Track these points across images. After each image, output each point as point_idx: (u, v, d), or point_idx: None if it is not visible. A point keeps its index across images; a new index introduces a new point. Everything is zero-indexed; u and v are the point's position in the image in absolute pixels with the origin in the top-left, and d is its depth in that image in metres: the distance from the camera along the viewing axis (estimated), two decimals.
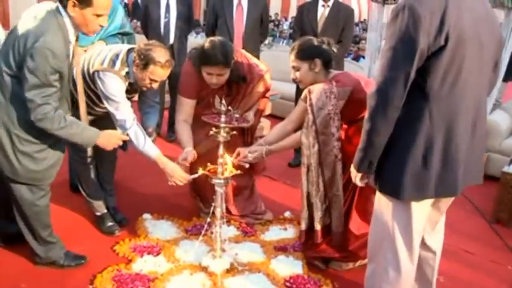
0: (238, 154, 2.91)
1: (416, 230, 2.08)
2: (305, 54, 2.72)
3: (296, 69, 2.76)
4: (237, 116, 2.85)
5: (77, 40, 2.51)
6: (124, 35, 3.57)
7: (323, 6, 4.54)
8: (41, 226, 2.66)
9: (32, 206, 2.57)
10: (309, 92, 2.66)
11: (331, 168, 2.69)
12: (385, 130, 1.90)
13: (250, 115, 3.14)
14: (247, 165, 2.95)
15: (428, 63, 1.81)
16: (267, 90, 3.27)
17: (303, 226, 2.88)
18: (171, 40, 4.86)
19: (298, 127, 2.85)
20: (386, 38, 1.88)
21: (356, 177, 2.12)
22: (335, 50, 2.79)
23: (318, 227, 2.81)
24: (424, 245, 2.30)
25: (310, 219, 2.85)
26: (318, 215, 2.78)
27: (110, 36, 3.49)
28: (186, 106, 3.13)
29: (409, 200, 1.99)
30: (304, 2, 5.11)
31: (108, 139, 2.65)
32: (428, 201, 2.07)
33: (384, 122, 1.87)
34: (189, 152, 2.94)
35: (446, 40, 1.77)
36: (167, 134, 5.28)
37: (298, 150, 4.81)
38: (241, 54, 3.18)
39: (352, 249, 2.84)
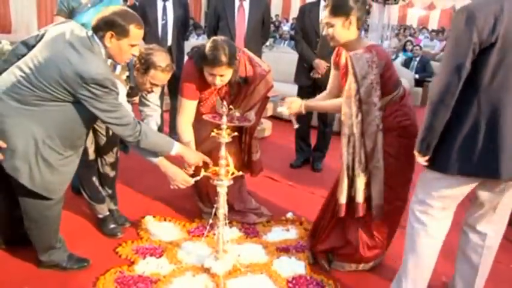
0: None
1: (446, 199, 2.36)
2: (340, 10, 2.65)
3: (329, 25, 2.70)
4: (238, 115, 2.85)
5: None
6: None
7: (325, 6, 4.46)
8: (49, 234, 2.68)
9: (43, 214, 2.58)
10: (351, 60, 2.57)
11: (373, 139, 2.63)
12: (444, 115, 2.15)
13: (252, 114, 3.13)
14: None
15: (480, 58, 2.07)
16: (269, 90, 3.26)
17: (343, 200, 2.75)
18: (169, 42, 4.89)
19: (334, 97, 2.98)
20: (448, 37, 2.22)
21: (417, 158, 2.33)
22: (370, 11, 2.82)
23: (360, 199, 2.72)
24: (474, 229, 2.52)
25: (348, 193, 2.76)
26: (360, 187, 2.70)
27: None
28: (188, 107, 3.12)
29: (454, 173, 2.23)
30: (305, 3, 5.07)
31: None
32: (471, 182, 2.29)
33: (443, 108, 2.13)
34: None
35: (497, 39, 2.03)
36: (168, 136, 5.27)
37: (299, 150, 4.81)
38: (244, 53, 3.17)
39: (358, 247, 2.85)
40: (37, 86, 2.29)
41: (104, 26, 2.35)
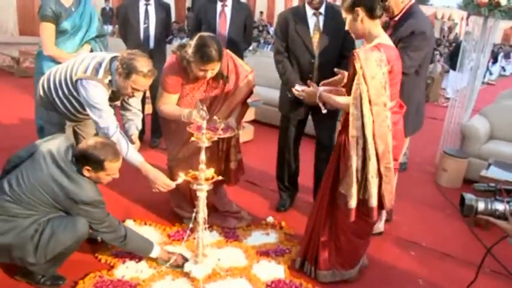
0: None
1: None
2: (347, 4, 2.59)
3: (345, 20, 2.66)
4: (223, 126, 2.84)
5: None
6: (97, 37, 3.87)
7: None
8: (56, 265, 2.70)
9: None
10: (359, 60, 2.48)
11: (384, 140, 2.57)
12: None
13: (233, 121, 3.14)
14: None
15: None
16: (251, 90, 3.27)
17: (353, 204, 2.65)
18: (151, 45, 4.89)
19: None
20: None
21: None
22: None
23: (374, 203, 2.63)
24: None
25: (358, 196, 2.66)
26: (374, 190, 2.61)
27: (91, 39, 3.80)
28: (169, 99, 3.12)
29: None
30: (287, 9, 4.79)
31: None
32: None
33: None
34: (190, 112, 2.87)
35: None
36: (150, 140, 5.28)
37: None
38: (227, 54, 3.19)
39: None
40: (27, 203, 2.48)
41: (81, 161, 2.54)
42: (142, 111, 3.31)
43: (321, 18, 3.49)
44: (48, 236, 2.49)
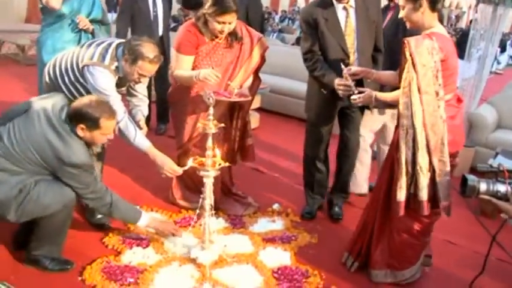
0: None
1: None
2: None
3: (402, 7, 2.61)
4: (237, 91, 2.89)
5: None
6: (103, 25, 3.94)
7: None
8: (57, 229, 2.67)
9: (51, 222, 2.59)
10: (409, 47, 2.43)
11: (436, 132, 2.46)
12: None
13: (246, 90, 3.16)
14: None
15: None
16: (265, 51, 3.31)
17: (402, 197, 2.55)
18: (160, 32, 4.97)
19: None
20: None
21: None
22: None
23: (424, 197, 2.53)
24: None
25: (408, 189, 2.57)
26: (424, 183, 2.51)
27: (95, 23, 3.85)
28: (184, 63, 3.14)
29: None
30: (308, 4, 4.09)
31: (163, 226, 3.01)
32: None
33: None
34: (209, 71, 2.90)
35: None
36: (156, 126, 5.30)
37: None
38: (239, 22, 3.22)
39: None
40: (16, 159, 2.47)
41: (75, 119, 2.50)
42: (149, 98, 3.32)
43: (352, 12, 3.18)
44: (34, 198, 2.47)
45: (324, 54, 3.20)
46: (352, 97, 2.85)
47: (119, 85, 2.92)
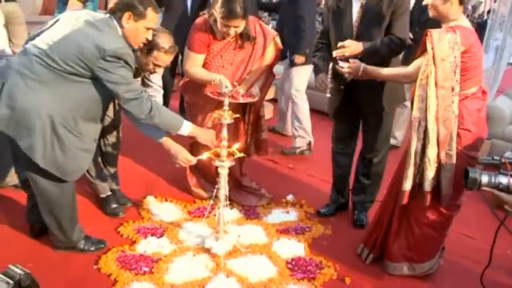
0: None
1: None
2: None
3: None
4: (242, 92, 2.87)
5: None
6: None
7: None
8: (65, 218, 2.68)
9: (54, 194, 2.58)
10: (431, 40, 2.40)
11: (447, 126, 2.47)
12: None
13: (256, 89, 3.14)
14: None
15: None
16: (278, 51, 3.27)
17: (407, 186, 2.59)
18: (189, 14, 4.85)
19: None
20: None
21: None
22: None
23: (428, 188, 2.55)
24: None
25: (414, 179, 2.59)
26: (430, 174, 2.53)
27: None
28: (195, 60, 3.14)
29: None
30: None
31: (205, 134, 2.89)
32: None
33: None
34: (223, 78, 2.88)
35: None
36: None
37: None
38: (253, 18, 3.20)
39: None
40: (53, 61, 2.34)
41: (123, 7, 2.43)
42: (172, 87, 3.31)
43: (358, 4, 2.98)
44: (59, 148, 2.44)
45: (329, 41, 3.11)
46: (340, 64, 2.83)
47: (134, 75, 2.92)
